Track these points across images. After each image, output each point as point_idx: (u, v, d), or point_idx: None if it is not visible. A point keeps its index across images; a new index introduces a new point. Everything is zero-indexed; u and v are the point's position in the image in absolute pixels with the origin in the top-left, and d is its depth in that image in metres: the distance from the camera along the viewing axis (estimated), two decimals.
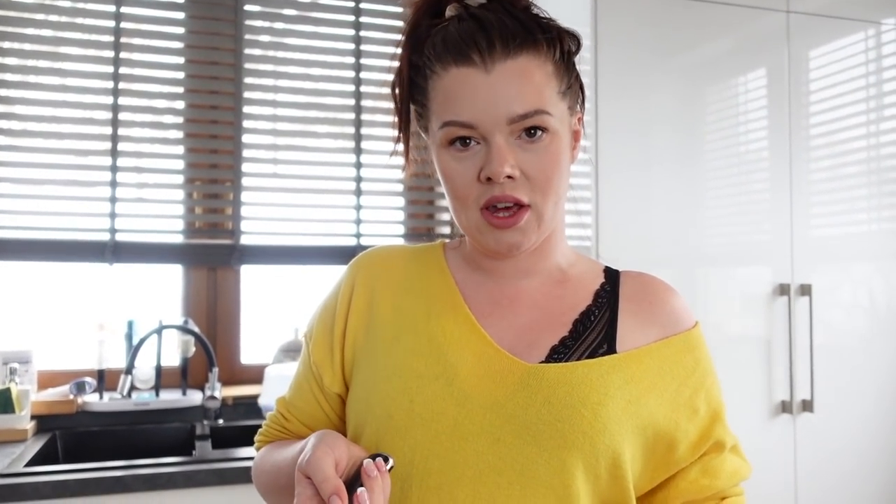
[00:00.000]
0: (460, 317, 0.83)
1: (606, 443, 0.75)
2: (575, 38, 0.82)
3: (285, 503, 0.83)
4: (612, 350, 0.80)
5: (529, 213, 0.77)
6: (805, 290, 1.97)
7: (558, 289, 0.86)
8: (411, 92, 0.84)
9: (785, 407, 1.95)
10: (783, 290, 1.96)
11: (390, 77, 0.86)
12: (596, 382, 0.77)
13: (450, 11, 0.81)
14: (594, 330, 0.82)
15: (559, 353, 0.80)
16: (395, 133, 0.87)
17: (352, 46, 2.44)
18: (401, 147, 0.87)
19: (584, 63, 1.83)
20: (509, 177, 0.75)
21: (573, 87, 0.82)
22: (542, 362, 0.79)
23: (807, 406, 1.96)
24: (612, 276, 0.88)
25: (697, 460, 0.82)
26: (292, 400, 0.92)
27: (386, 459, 0.69)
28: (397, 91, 0.85)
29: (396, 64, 0.85)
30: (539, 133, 0.76)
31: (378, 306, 0.87)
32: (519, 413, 0.76)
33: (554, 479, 0.75)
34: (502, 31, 0.75)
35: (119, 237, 2.22)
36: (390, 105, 0.87)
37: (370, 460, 0.68)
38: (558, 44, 0.79)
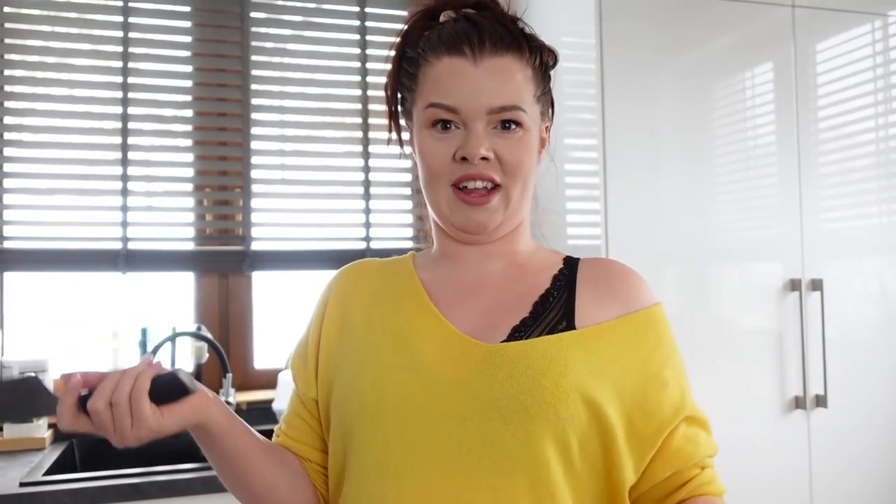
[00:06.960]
0: (426, 312, 0.88)
1: (571, 410, 0.78)
2: (553, 54, 0.92)
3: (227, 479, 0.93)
4: (571, 326, 0.84)
5: (499, 195, 0.85)
6: (816, 284, 1.96)
7: (518, 273, 0.91)
8: (400, 78, 0.92)
9: (798, 402, 1.94)
10: (794, 285, 1.96)
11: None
12: (556, 356, 0.80)
13: (444, 17, 0.90)
14: (553, 309, 0.86)
15: (520, 332, 0.84)
16: (387, 122, 0.95)
17: (357, 51, 2.45)
18: (395, 136, 0.96)
19: (589, 62, 1.84)
20: (484, 158, 0.83)
21: (547, 94, 0.91)
22: (504, 341, 0.83)
23: (820, 401, 1.95)
24: (571, 262, 0.93)
25: (677, 430, 0.83)
26: (285, 415, 1.01)
27: (179, 377, 0.77)
28: (389, 83, 0.94)
29: (390, 66, 0.93)
30: (514, 126, 0.85)
31: (351, 314, 0.94)
32: (484, 391, 0.79)
33: (522, 451, 0.77)
34: (492, 33, 0.85)
35: (131, 246, 2.23)
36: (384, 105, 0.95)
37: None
38: (538, 53, 0.89)
